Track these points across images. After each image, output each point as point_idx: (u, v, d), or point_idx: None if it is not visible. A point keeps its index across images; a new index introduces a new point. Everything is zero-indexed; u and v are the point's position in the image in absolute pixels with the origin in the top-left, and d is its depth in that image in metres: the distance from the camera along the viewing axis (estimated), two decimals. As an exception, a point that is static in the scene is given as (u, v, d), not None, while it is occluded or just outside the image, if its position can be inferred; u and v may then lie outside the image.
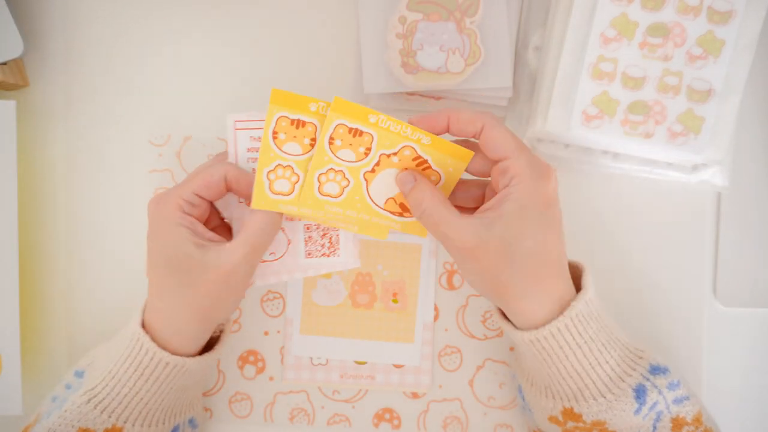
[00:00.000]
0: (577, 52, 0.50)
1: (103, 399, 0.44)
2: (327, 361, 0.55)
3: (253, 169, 0.46)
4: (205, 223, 0.46)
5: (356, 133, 0.42)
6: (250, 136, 0.45)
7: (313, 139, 0.42)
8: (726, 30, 0.49)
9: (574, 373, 0.43)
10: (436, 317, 0.55)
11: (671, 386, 0.43)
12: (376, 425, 0.55)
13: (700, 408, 0.44)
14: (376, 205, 0.45)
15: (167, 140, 0.55)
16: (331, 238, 0.47)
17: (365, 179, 0.44)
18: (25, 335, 0.54)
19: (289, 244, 0.47)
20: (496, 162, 0.43)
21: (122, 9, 0.55)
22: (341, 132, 0.42)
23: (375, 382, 0.55)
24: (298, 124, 0.42)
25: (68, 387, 0.47)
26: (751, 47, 0.49)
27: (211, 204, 0.47)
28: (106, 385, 0.44)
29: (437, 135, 0.43)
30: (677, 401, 0.43)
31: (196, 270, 0.42)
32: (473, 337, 0.55)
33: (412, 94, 0.53)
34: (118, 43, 0.55)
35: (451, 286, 0.55)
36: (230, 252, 0.43)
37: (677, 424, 0.43)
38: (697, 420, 0.43)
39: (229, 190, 0.45)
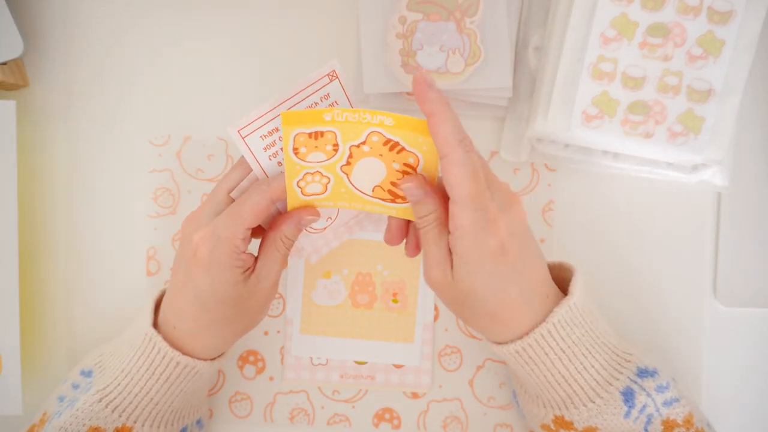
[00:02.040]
0: (577, 52, 0.50)
1: (115, 398, 0.44)
2: (327, 361, 0.55)
3: (282, 167, 0.45)
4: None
5: (316, 135, 0.41)
6: (260, 135, 0.43)
7: (335, 144, 0.42)
8: (726, 30, 0.49)
9: (561, 380, 0.43)
10: (436, 317, 0.55)
11: (660, 388, 0.43)
12: (376, 425, 0.55)
13: (691, 409, 0.43)
14: (364, 194, 0.44)
15: (167, 140, 0.55)
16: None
17: (344, 172, 0.43)
18: (25, 335, 0.54)
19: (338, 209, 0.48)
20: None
21: (122, 9, 0.55)
22: (302, 140, 0.41)
23: (375, 382, 0.55)
24: (316, 135, 0.41)
25: (75, 386, 0.47)
26: (751, 47, 0.49)
27: None
28: (119, 384, 0.44)
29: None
30: (667, 403, 0.43)
31: (240, 302, 0.44)
32: (473, 337, 0.55)
33: (412, 94, 0.53)
34: (118, 43, 0.55)
35: (451, 286, 0.55)
36: (266, 278, 0.44)
37: (668, 426, 0.42)
38: (688, 421, 0.43)
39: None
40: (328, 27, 0.55)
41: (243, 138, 0.43)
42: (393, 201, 0.44)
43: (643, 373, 0.43)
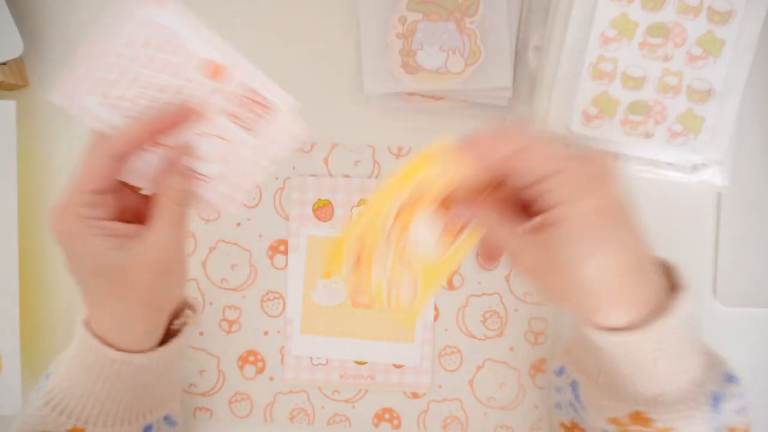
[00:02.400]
0: (577, 52, 0.50)
1: (60, 401, 0.42)
2: (327, 361, 0.55)
3: (136, 120, 0.40)
4: (122, 203, 0.43)
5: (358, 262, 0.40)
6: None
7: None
8: (726, 30, 0.49)
9: (660, 377, 0.39)
10: (436, 317, 0.55)
11: (738, 395, 0.41)
12: (376, 425, 0.55)
13: (750, 420, 0.42)
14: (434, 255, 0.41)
15: (167, 140, 0.55)
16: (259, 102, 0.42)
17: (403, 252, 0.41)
18: (25, 335, 0.54)
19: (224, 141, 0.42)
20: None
21: (122, 9, 0.55)
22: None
23: (375, 382, 0.55)
24: (357, 260, 0.40)
25: (38, 390, 0.45)
26: (751, 47, 0.49)
27: (120, 184, 0.42)
28: (62, 387, 0.43)
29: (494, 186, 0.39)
30: (738, 411, 0.41)
31: (126, 272, 0.40)
32: (473, 337, 0.55)
33: (412, 94, 0.53)
34: (118, 43, 0.55)
35: (451, 286, 0.55)
36: (154, 241, 0.40)
37: None
38: (746, 431, 0.42)
39: (123, 159, 0.41)
40: (328, 27, 0.55)
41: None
42: (457, 237, 0.41)
43: (731, 378, 0.41)
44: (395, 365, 0.55)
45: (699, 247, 0.55)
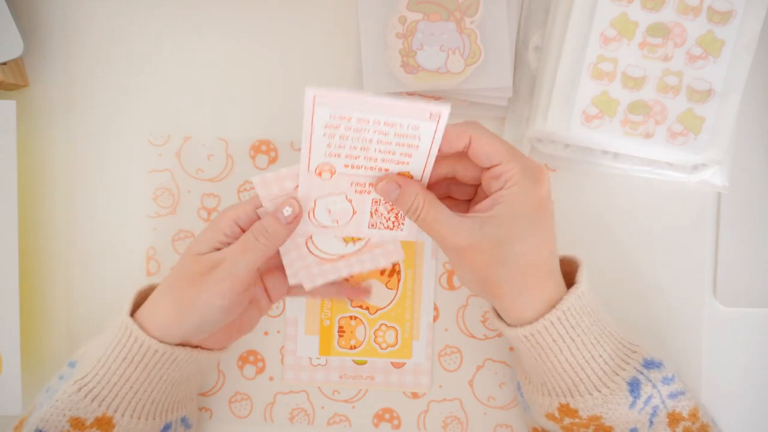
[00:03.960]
0: (577, 52, 0.50)
1: (94, 387, 0.44)
2: (326, 361, 0.55)
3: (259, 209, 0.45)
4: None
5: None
6: (330, 114, 0.39)
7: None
8: (726, 30, 0.49)
9: (568, 368, 0.43)
10: (436, 317, 0.55)
11: (666, 380, 0.43)
12: (376, 425, 0.55)
13: (696, 403, 0.44)
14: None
15: (167, 140, 0.55)
16: (397, 214, 0.46)
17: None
18: (25, 335, 0.54)
19: (354, 214, 0.45)
20: (487, 168, 0.43)
21: (122, 9, 0.55)
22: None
23: (375, 382, 0.55)
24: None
25: (61, 377, 0.47)
26: (751, 47, 0.49)
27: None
28: (96, 373, 0.44)
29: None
30: (672, 396, 0.43)
31: (193, 265, 0.44)
32: (473, 337, 0.55)
33: (412, 94, 0.53)
34: (118, 42, 0.55)
35: (451, 286, 0.55)
36: (222, 251, 0.44)
37: (673, 418, 0.43)
38: (693, 415, 0.43)
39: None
40: (328, 27, 0.55)
41: (314, 104, 0.39)
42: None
43: (650, 364, 0.43)
44: (395, 365, 0.55)
45: (699, 247, 0.55)
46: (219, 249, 0.44)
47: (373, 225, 0.46)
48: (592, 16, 0.49)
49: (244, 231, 0.44)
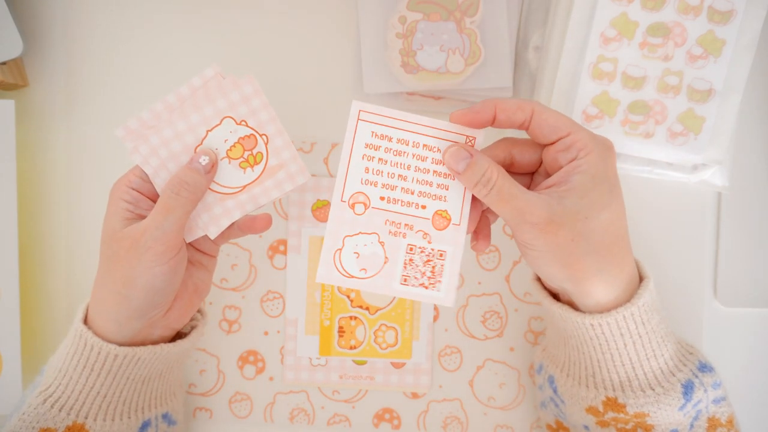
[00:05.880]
0: (577, 52, 0.50)
1: (59, 398, 0.43)
2: (326, 361, 0.55)
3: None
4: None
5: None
6: (372, 131, 0.40)
7: None
8: (726, 30, 0.49)
9: (627, 363, 0.42)
10: (436, 317, 0.55)
11: (715, 385, 0.43)
12: (376, 425, 0.55)
13: (733, 411, 0.44)
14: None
15: (167, 140, 0.55)
16: (434, 267, 0.41)
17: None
18: (25, 335, 0.54)
19: (386, 262, 0.41)
20: (551, 144, 0.40)
21: (122, 9, 0.55)
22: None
23: (375, 383, 0.55)
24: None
25: (33, 388, 0.46)
26: (751, 47, 0.49)
27: None
28: (60, 383, 0.43)
29: (483, 127, 0.40)
30: (716, 401, 0.43)
31: (116, 243, 0.42)
32: (473, 337, 0.55)
33: (412, 94, 0.53)
34: (119, 42, 0.55)
35: (451, 286, 0.55)
36: (145, 219, 0.41)
37: (712, 424, 0.43)
38: (730, 422, 0.43)
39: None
40: (328, 27, 0.55)
41: (358, 120, 0.40)
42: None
43: (704, 367, 0.43)
44: (395, 365, 0.55)
45: (699, 247, 0.55)
46: (130, 219, 0.42)
47: (406, 279, 0.41)
48: (592, 16, 0.49)
49: (143, 194, 0.43)
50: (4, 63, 0.52)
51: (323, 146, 0.55)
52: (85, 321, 0.44)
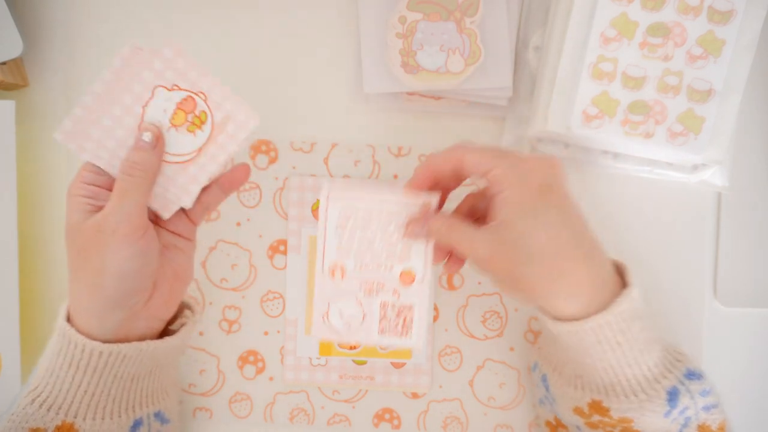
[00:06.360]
0: (577, 52, 0.50)
1: (47, 397, 0.43)
2: (326, 361, 0.55)
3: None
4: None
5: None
6: (341, 209, 0.45)
7: None
8: (726, 30, 0.49)
9: (609, 368, 0.42)
10: (436, 317, 0.55)
11: (703, 393, 0.42)
12: (376, 425, 0.55)
13: (725, 417, 0.43)
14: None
15: (167, 140, 0.55)
16: (405, 319, 0.47)
17: None
18: (25, 335, 0.54)
19: (364, 318, 0.47)
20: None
21: (122, 9, 0.55)
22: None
23: (375, 383, 0.55)
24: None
25: (25, 388, 0.45)
26: (751, 47, 0.49)
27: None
28: (47, 383, 0.43)
29: (436, 189, 0.46)
30: (706, 408, 0.43)
31: (81, 235, 0.41)
32: (473, 337, 0.55)
33: (412, 94, 0.53)
34: (118, 43, 0.55)
35: (451, 286, 0.55)
36: (104, 211, 0.41)
37: (703, 431, 0.42)
38: (721, 428, 0.43)
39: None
40: (328, 27, 0.55)
41: (327, 200, 0.44)
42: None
43: (692, 375, 0.43)
44: (395, 365, 0.55)
45: (699, 247, 0.55)
46: (91, 212, 0.42)
47: (383, 330, 0.47)
48: (592, 16, 0.49)
49: (100, 186, 0.43)
50: (4, 63, 0.52)
51: (323, 146, 0.55)
52: (68, 319, 0.44)
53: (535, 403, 0.53)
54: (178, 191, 0.44)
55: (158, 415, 0.48)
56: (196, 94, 0.43)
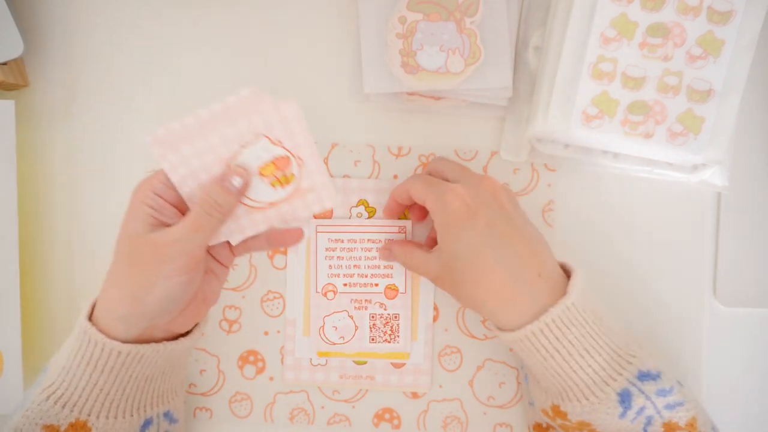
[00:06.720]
0: (577, 52, 0.50)
1: (62, 394, 0.43)
2: (326, 361, 0.55)
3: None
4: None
5: None
6: (328, 238, 0.53)
7: None
8: (726, 30, 0.49)
9: (556, 375, 0.44)
10: (436, 317, 0.55)
11: (661, 392, 0.43)
12: (376, 425, 0.55)
13: (696, 413, 0.43)
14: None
15: (167, 140, 0.55)
16: (392, 327, 0.54)
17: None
18: (26, 334, 0.54)
19: (356, 330, 0.54)
20: None
21: (122, 9, 0.55)
22: None
23: (375, 383, 0.55)
24: None
25: (37, 385, 0.46)
26: (751, 47, 0.49)
27: None
28: (63, 380, 0.43)
29: (405, 216, 0.54)
30: (669, 407, 0.43)
31: (137, 248, 0.42)
32: (473, 337, 0.55)
33: (412, 94, 0.53)
34: (119, 42, 0.55)
35: (451, 286, 0.55)
36: (172, 230, 0.42)
37: (669, 428, 0.43)
38: (691, 425, 0.43)
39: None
40: (328, 27, 0.55)
41: (316, 232, 0.54)
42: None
43: (645, 376, 0.43)
44: (395, 365, 0.55)
45: (699, 247, 0.55)
46: (153, 225, 0.42)
47: (373, 339, 0.54)
48: (592, 16, 0.49)
49: (166, 201, 0.43)
50: (4, 63, 0.52)
51: (323, 146, 0.55)
52: (90, 318, 0.44)
53: (526, 405, 0.53)
54: (234, 228, 0.45)
55: (167, 415, 0.49)
56: (294, 156, 0.43)
